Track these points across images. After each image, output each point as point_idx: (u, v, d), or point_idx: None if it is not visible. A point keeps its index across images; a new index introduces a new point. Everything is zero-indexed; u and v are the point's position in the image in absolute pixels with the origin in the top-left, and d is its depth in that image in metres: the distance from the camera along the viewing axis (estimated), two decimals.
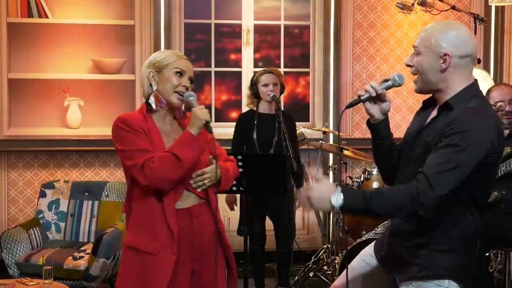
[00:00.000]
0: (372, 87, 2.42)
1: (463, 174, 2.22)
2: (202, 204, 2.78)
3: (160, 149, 2.67)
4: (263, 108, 4.63)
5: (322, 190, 2.26)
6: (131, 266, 2.70)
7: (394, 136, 2.58)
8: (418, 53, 2.37)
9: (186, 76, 2.76)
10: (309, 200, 2.27)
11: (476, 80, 2.39)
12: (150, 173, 2.59)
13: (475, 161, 2.23)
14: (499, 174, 4.10)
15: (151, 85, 2.75)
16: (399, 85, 2.45)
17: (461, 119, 2.24)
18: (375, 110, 2.47)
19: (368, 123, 2.54)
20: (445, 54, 2.31)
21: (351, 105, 2.45)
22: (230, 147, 4.60)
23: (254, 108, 4.67)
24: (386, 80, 2.46)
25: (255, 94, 4.60)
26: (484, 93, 5.44)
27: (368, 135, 2.66)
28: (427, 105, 2.52)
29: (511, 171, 4.06)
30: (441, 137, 2.27)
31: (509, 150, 4.15)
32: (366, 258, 2.68)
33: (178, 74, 2.74)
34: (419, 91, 2.44)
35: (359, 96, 2.45)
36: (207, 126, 2.68)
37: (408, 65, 2.43)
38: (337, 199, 2.23)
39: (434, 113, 2.43)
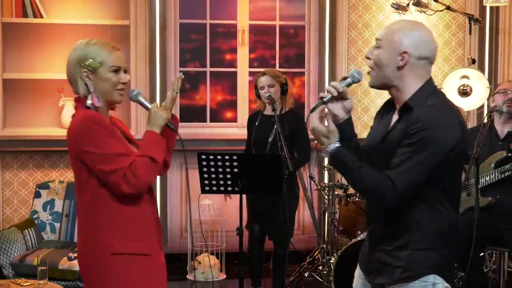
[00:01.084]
0: (333, 86, 2.44)
1: (424, 171, 2.28)
2: None
3: (127, 144, 2.61)
4: (268, 109, 4.68)
5: (323, 133, 2.40)
6: (129, 274, 2.56)
7: (360, 137, 2.60)
8: (379, 47, 2.40)
9: (122, 70, 2.63)
10: (312, 130, 2.42)
11: (430, 78, 2.42)
12: (136, 181, 2.48)
13: (436, 158, 2.28)
14: (494, 180, 4.11)
15: (86, 85, 2.58)
16: (359, 81, 2.47)
17: (423, 117, 2.28)
18: (338, 109, 2.48)
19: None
20: (405, 52, 2.34)
21: (314, 108, 2.46)
22: (226, 147, 4.64)
23: (262, 109, 4.74)
24: (345, 78, 2.48)
25: (259, 97, 4.67)
26: (482, 95, 5.43)
27: (364, 135, 2.67)
28: (388, 109, 2.53)
29: (507, 177, 4.07)
30: (404, 137, 2.31)
31: (504, 154, 4.15)
32: (360, 275, 2.66)
33: (115, 72, 2.61)
34: (372, 85, 2.47)
35: (322, 98, 2.45)
36: (168, 125, 2.65)
37: (367, 57, 2.47)
38: (333, 147, 2.38)
39: (395, 116, 2.46)
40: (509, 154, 4.11)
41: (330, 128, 2.42)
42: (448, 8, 5.61)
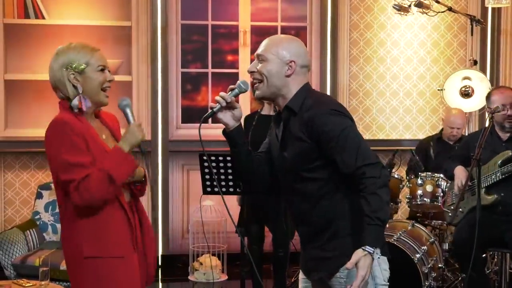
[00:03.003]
0: (221, 97, 2.57)
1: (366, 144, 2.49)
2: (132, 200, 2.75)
3: (101, 150, 2.58)
4: (266, 109, 4.64)
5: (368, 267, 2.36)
6: (100, 278, 2.58)
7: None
8: (264, 60, 2.55)
9: (107, 69, 2.68)
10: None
11: (307, 82, 2.60)
12: (86, 196, 2.48)
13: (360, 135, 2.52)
14: (498, 179, 4.10)
15: (74, 87, 2.61)
16: (245, 91, 2.61)
17: (321, 118, 2.46)
18: (228, 118, 2.62)
19: (224, 133, 2.69)
20: (291, 61, 2.53)
21: (206, 118, 2.60)
22: (228, 148, 4.59)
23: (260, 109, 4.70)
24: (233, 89, 2.62)
25: None
26: (483, 96, 5.44)
27: (366, 136, 2.70)
28: (277, 123, 2.68)
29: (509, 176, 4.06)
30: (308, 137, 2.47)
31: (510, 153, 4.14)
32: (302, 277, 2.75)
33: (101, 70, 2.66)
34: (262, 96, 2.61)
35: (211, 108, 2.60)
36: (140, 146, 2.63)
37: (251, 72, 2.61)
38: (375, 251, 2.37)
39: (282, 125, 2.63)
40: None
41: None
42: (450, 9, 5.61)
